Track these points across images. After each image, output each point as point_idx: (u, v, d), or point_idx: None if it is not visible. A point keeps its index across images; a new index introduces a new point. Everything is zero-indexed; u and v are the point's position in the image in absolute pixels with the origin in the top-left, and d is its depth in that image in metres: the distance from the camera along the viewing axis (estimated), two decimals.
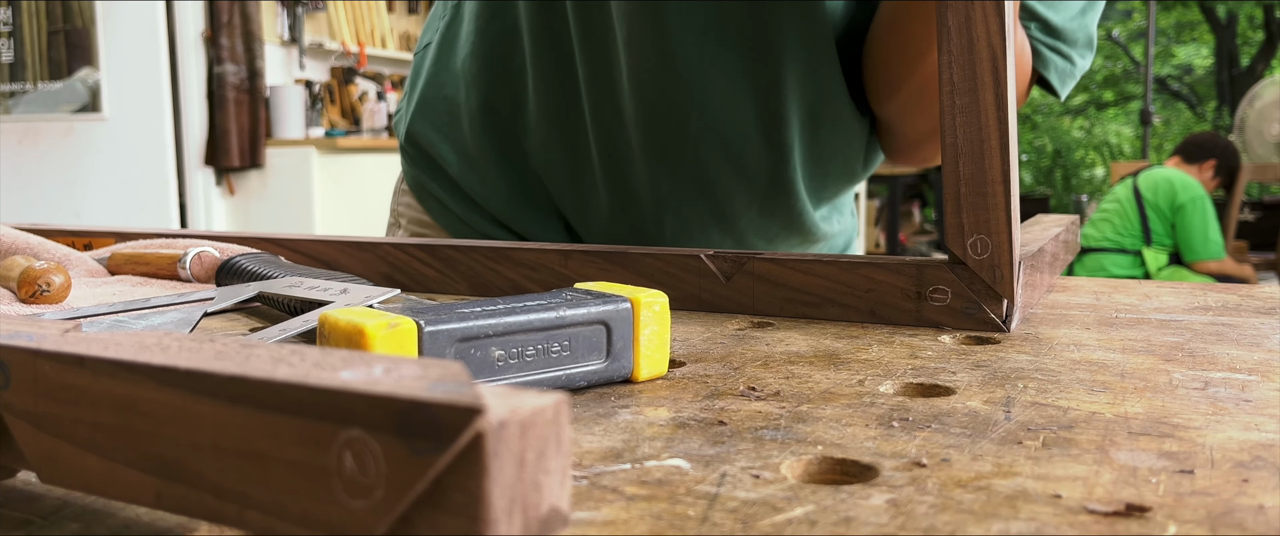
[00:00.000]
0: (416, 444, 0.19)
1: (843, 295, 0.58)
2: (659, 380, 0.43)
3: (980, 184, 0.53)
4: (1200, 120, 13.61)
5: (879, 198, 7.43)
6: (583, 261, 0.65)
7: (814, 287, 0.59)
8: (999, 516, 0.27)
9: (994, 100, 0.52)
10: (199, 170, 4.46)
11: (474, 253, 0.69)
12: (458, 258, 0.70)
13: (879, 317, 0.57)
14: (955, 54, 0.53)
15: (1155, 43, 7.34)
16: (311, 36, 4.93)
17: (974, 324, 0.55)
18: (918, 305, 0.56)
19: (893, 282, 0.57)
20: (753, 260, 0.60)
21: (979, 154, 0.53)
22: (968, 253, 0.54)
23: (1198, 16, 13.72)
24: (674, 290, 0.63)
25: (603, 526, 0.27)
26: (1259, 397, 0.40)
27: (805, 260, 0.59)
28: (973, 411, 0.38)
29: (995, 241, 0.54)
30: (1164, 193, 4.00)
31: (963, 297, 0.55)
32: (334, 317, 0.36)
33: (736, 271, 0.61)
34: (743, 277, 0.60)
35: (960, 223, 0.54)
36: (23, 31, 4.29)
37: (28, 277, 0.62)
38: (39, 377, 0.25)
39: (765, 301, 0.60)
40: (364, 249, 0.73)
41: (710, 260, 0.61)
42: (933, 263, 0.56)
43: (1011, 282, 0.54)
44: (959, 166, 0.54)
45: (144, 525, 0.27)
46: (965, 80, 0.53)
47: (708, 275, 0.62)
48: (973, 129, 0.53)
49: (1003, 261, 0.54)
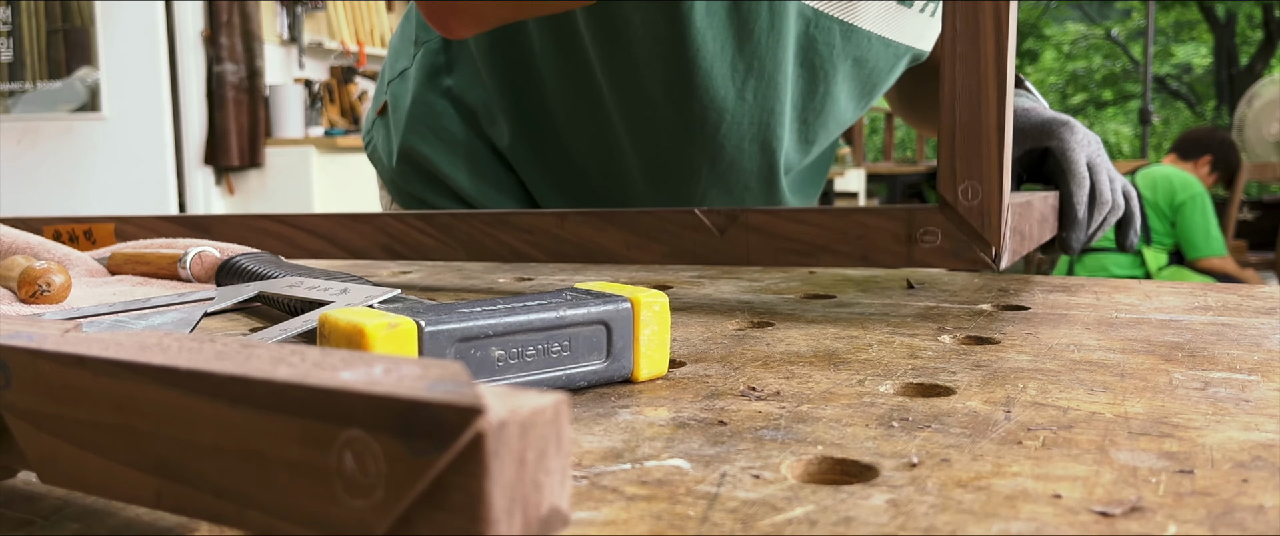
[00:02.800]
0: (417, 444, 0.19)
1: (835, 241, 0.59)
2: (659, 380, 0.43)
3: (975, 131, 0.54)
4: (1199, 119, 13.62)
5: (879, 197, 7.43)
6: (579, 222, 0.65)
7: (807, 236, 0.59)
8: (999, 516, 0.27)
9: (994, 49, 0.53)
10: (198, 169, 4.46)
11: (472, 220, 0.69)
12: (455, 225, 0.70)
13: (871, 262, 0.58)
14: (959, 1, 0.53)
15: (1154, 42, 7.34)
16: (311, 36, 4.92)
17: (964, 263, 0.55)
18: (908, 248, 0.57)
19: (883, 226, 0.58)
20: (746, 213, 0.61)
21: (976, 102, 0.53)
22: (958, 198, 0.55)
23: (1197, 16, 13.73)
24: (669, 246, 0.63)
25: (603, 526, 0.27)
26: (1259, 397, 0.40)
27: (797, 211, 0.60)
28: (973, 411, 0.38)
29: (986, 188, 0.54)
30: (1162, 191, 4.00)
31: (952, 238, 0.56)
32: (334, 318, 0.36)
33: (730, 225, 0.61)
34: (736, 231, 0.61)
35: (953, 168, 0.55)
36: (22, 31, 4.29)
37: (28, 277, 0.62)
38: (39, 377, 0.25)
39: (759, 252, 0.61)
40: (362, 221, 0.73)
41: (704, 215, 0.62)
42: (923, 207, 0.57)
43: (1000, 229, 0.54)
44: (955, 112, 0.54)
45: (144, 525, 0.27)
46: (967, 28, 0.53)
47: (702, 230, 0.62)
48: (971, 77, 0.53)
49: (992, 208, 0.54)
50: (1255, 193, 6.96)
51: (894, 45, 0.83)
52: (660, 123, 0.80)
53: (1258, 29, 13.28)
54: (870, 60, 0.83)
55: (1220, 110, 12.99)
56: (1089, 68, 15.20)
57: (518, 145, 0.88)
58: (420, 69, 0.92)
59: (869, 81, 0.85)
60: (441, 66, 0.92)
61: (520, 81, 0.87)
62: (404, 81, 0.94)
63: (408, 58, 0.95)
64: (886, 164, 7.82)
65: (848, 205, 3.60)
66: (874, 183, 7.10)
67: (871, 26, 0.81)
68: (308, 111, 4.75)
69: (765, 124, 0.81)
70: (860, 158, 7.80)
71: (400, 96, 0.94)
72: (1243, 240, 5.09)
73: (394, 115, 0.95)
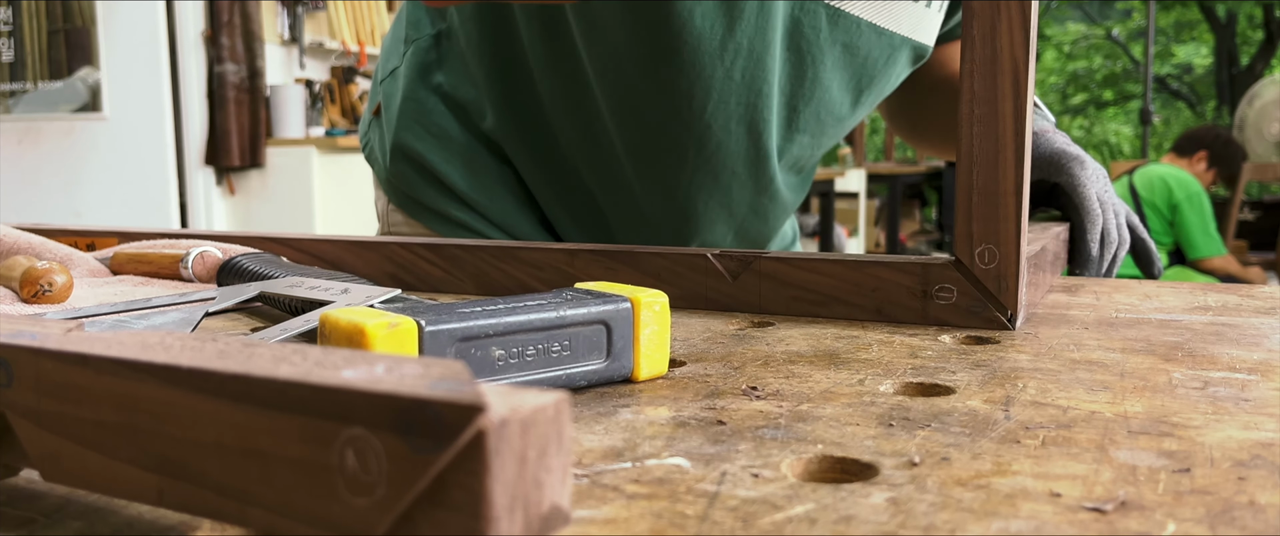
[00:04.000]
0: (418, 442, 0.19)
1: (849, 293, 0.58)
2: (659, 379, 0.43)
3: (992, 194, 0.54)
4: (1200, 119, 13.63)
5: (879, 197, 7.43)
6: (589, 260, 0.65)
7: (820, 286, 0.59)
8: (998, 515, 0.27)
9: (1012, 112, 0.53)
10: (199, 170, 4.46)
11: (480, 252, 0.69)
12: (464, 257, 0.70)
13: (885, 316, 0.58)
14: (978, 63, 0.53)
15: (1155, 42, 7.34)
16: (311, 36, 4.92)
17: (980, 323, 0.55)
18: (924, 304, 0.57)
19: (899, 281, 0.57)
20: (759, 259, 0.61)
21: (993, 164, 0.54)
22: (975, 261, 0.55)
23: (1197, 16, 13.73)
24: (680, 289, 0.63)
25: (603, 524, 0.27)
26: (1258, 397, 0.40)
27: (811, 259, 0.59)
28: (972, 411, 0.38)
29: (1003, 252, 0.54)
30: (1160, 190, 3.99)
31: (968, 297, 0.56)
32: (335, 317, 0.36)
33: (743, 270, 0.61)
34: (749, 276, 0.61)
35: (970, 231, 0.55)
36: (23, 31, 4.29)
37: (30, 277, 0.62)
38: (41, 376, 0.25)
39: (771, 300, 0.60)
40: (369, 248, 0.73)
41: (716, 259, 0.62)
42: (938, 262, 0.57)
43: (1016, 293, 0.54)
44: (973, 175, 0.54)
45: (146, 523, 0.27)
46: (986, 90, 0.53)
47: (714, 274, 0.62)
48: (989, 139, 0.53)
49: (1009, 272, 0.54)
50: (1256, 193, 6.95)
51: (887, 34, 0.83)
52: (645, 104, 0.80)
53: (1258, 29, 13.28)
54: (861, 48, 0.82)
55: (1221, 110, 12.99)
56: (1089, 68, 15.20)
57: (509, 136, 0.88)
58: (410, 66, 0.93)
59: (864, 73, 0.84)
60: (432, 63, 0.92)
61: (508, 72, 0.87)
62: (395, 80, 0.95)
63: (398, 56, 0.95)
64: (887, 164, 7.82)
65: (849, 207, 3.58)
66: (874, 183, 7.10)
67: (861, 13, 0.80)
68: (308, 112, 4.75)
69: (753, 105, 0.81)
70: (861, 158, 7.79)
71: (392, 95, 0.94)
72: (1243, 240, 5.08)
73: (386, 114, 0.95)
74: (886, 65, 0.85)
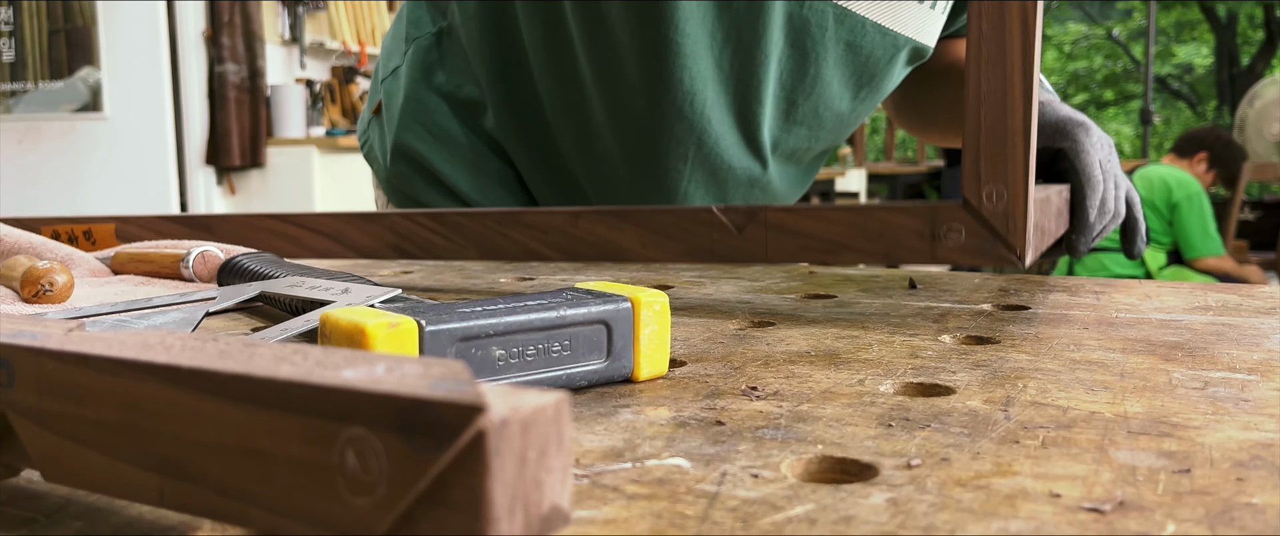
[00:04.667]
0: (419, 441, 0.19)
1: (856, 239, 0.58)
2: (659, 379, 0.43)
3: (1000, 134, 0.53)
4: (1200, 119, 13.63)
5: (879, 197, 7.43)
6: (593, 221, 0.64)
7: (828, 233, 0.58)
8: (998, 515, 0.27)
9: (1020, 51, 0.52)
10: (200, 169, 4.46)
11: (483, 218, 0.68)
12: (466, 224, 0.68)
13: (894, 259, 0.57)
14: (986, 2, 0.53)
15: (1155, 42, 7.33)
16: (312, 36, 4.93)
17: (988, 260, 0.55)
18: (932, 245, 0.56)
19: (907, 224, 0.57)
20: (766, 211, 0.60)
21: (1001, 104, 0.53)
22: (983, 201, 0.54)
23: (1198, 16, 13.72)
24: (686, 244, 0.62)
25: (603, 525, 0.27)
26: (1258, 397, 0.40)
27: (818, 208, 0.59)
28: (972, 411, 0.38)
29: (1011, 191, 0.54)
30: (1159, 191, 3.99)
31: (976, 236, 0.55)
32: (335, 317, 0.36)
33: (749, 222, 0.60)
34: (755, 228, 0.60)
35: (977, 171, 0.54)
36: (24, 31, 4.29)
37: (31, 277, 0.62)
38: (42, 376, 0.25)
39: (779, 250, 0.60)
40: (371, 221, 0.72)
41: (722, 213, 0.61)
42: (945, 204, 0.56)
43: (1024, 232, 0.54)
44: (981, 115, 0.53)
45: (147, 523, 0.28)
46: (993, 30, 0.53)
47: (720, 228, 0.61)
48: (997, 79, 0.53)
49: (1017, 211, 0.54)
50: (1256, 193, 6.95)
51: (891, 34, 0.83)
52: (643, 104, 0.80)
53: (1259, 29, 13.27)
54: (865, 47, 0.82)
55: (1221, 110, 12.98)
56: (1090, 68, 15.20)
57: (510, 137, 0.88)
58: (412, 66, 0.93)
59: (865, 71, 0.84)
60: (433, 62, 0.92)
61: (510, 71, 0.87)
62: (396, 79, 0.95)
63: (399, 56, 0.95)
64: (888, 164, 7.82)
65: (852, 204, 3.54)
66: (875, 183, 7.10)
67: (866, 12, 0.80)
68: (309, 111, 4.75)
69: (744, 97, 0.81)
70: (861, 158, 7.79)
71: (393, 94, 0.94)
72: (1243, 240, 5.08)
73: (387, 113, 0.95)
74: (888, 64, 0.85)
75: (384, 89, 0.97)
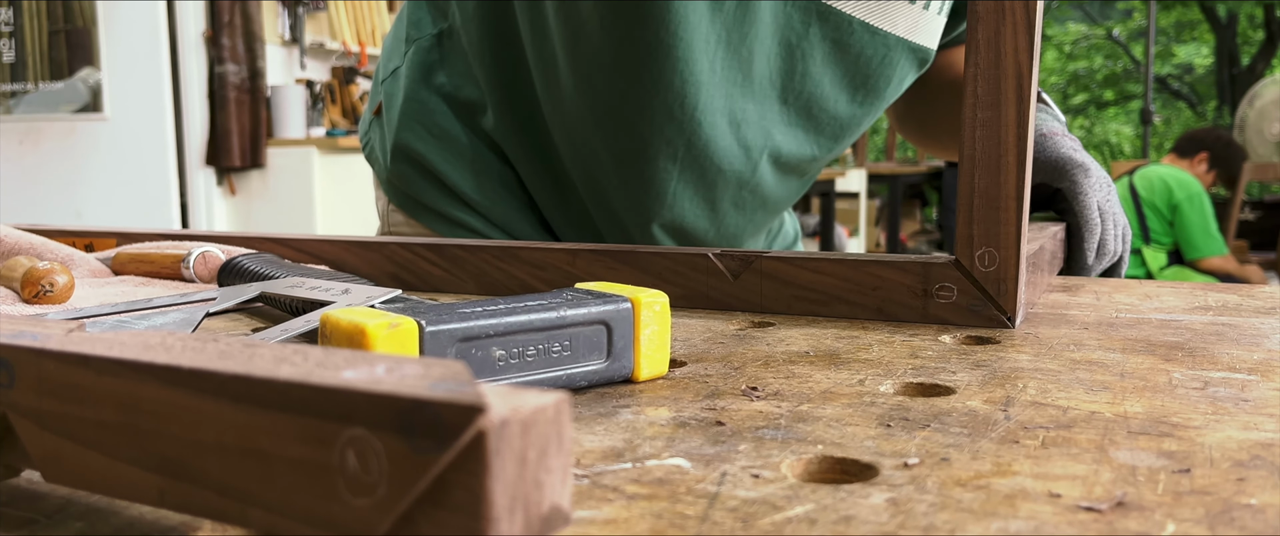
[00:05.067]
0: (419, 442, 0.19)
1: (850, 293, 0.59)
2: (659, 380, 0.43)
3: (994, 198, 0.54)
4: (1200, 119, 13.63)
5: (879, 197, 7.43)
6: (590, 260, 0.66)
7: (821, 285, 0.59)
8: (998, 515, 0.27)
9: (1015, 117, 0.53)
10: (200, 170, 4.46)
11: (481, 252, 0.69)
12: (465, 257, 0.70)
13: (886, 315, 0.58)
14: (982, 67, 0.53)
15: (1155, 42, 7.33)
16: (312, 36, 4.93)
17: (980, 322, 0.56)
18: (924, 303, 0.57)
19: (900, 280, 0.58)
20: (760, 258, 0.61)
21: (995, 168, 0.54)
22: (975, 264, 0.55)
23: (1198, 16, 13.72)
24: (682, 288, 0.63)
25: (604, 525, 0.27)
26: (1258, 397, 0.40)
27: (813, 258, 0.60)
28: (972, 411, 0.38)
29: (1003, 255, 0.55)
30: (1160, 191, 3.99)
31: (969, 296, 0.56)
32: (335, 317, 0.36)
33: (744, 269, 0.61)
34: (750, 275, 0.61)
35: (970, 234, 0.55)
36: (24, 31, 4.29)
37: (31, 278, 0.62)
38: (43, 377, 0.25)
39: (773, 299, 0.61)
40: (370, 248, 0.74)
41: (717, 259, 0.62)
42: (939, 261, 0.57)
43: (1016, 295, 0.55)
44: (974, 178, 0.54)
45: (147, 524, 0.28)
46: (989, 94, 0.53)
47: (715, 273, 0.62)
48: (991, 143, 0.54)
49: (1009, 276, 0.55)
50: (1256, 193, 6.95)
51: (881, 34, 0.82)
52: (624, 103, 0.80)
53: (1259, 29, 13.27)
54: (853, 46, 0.82)
55: (1221, 110, 12.98)
56: (1090, 68, 15.21)
57: (509, 138, 0.88)
58: (412, 66, 0.93)
59: (859, 72, 0.84)
60: (434, 63, 0.92)
61: (509, 72, 0.87)
62: (396, 79, 0.95)
63: (400, 56, 0.95)
64: (888, 164, 7.82)
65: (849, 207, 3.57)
66: (875, 183, 7.10)
67: (851, 11, 0.80)
68: (309, 112, 4.76)
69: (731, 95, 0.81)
70: (862, 158, 7.79)
71: (393, 95, 0.94)
72: (1244, 240, 5.08)
73: (387, 114, 0.95)
74: (883, 65, 0.85)
75: (384, 90, 0.97)
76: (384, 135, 0.95)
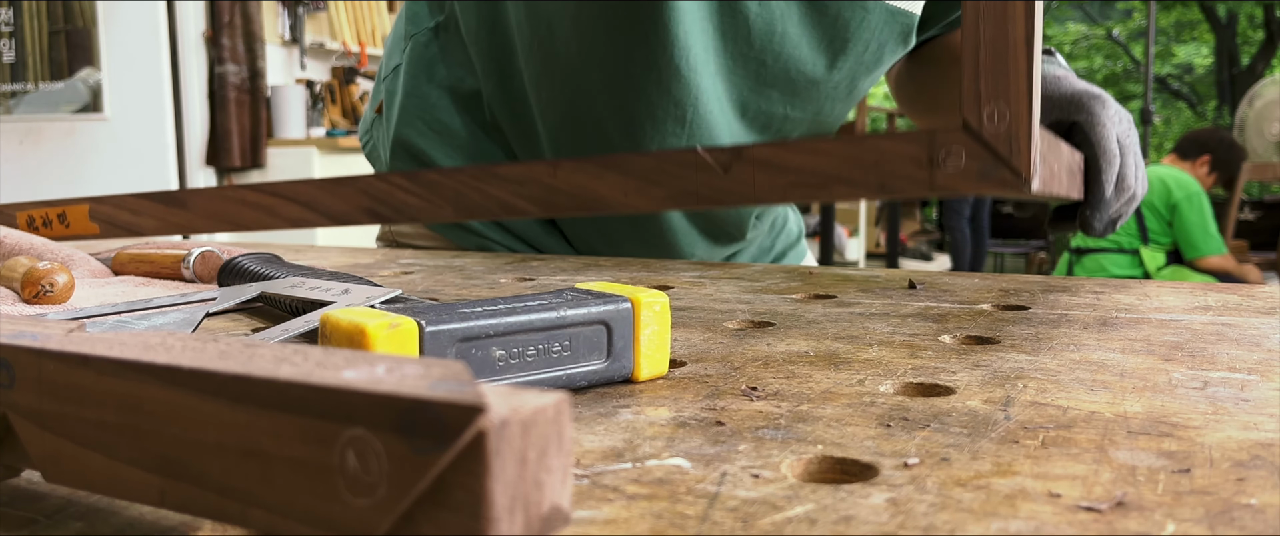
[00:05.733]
0: (419, 442, 0.19)
1: (849, 170, 0.54)
2: (659, 380, 0.43)
3: (1001, 47, 0.49)
4: (1200, 119, 13.62)
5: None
6: (572, 170, 0.61)
7: (818, 166, 0.55)
8: (998, 515, 0.28)
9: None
10: (200, 170, 4.46)
11: (458, 175, 0.65)
12: (441, 181, 0.66)
13: (889, 191, 0.53)
14: None
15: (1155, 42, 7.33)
16: (312, 36, 4.93)
17: (991, 185, 0.51)
18: (930, 172, 0.52)
19: (903, 152, 0.53)
20: (751, 148, 0.56)
21: (1001, 14, 0.49)
22: (984, 122, 0.50)
23: (1198, 16, 13.72)
24: (670, 188, 0.59)
25: (604, 525, 0.27)
26: (1258, 397, 0.40)
27: (808, 140, 0.56)
28: (972, 411, 0.38)
29: (1013, 110, 0.50)
30: (1159, 191, 4.00)
31: (978, 159, 0.51)
32: (335, 317, 0.36)
33: (734, 161, 0.57)
34: (741, 166, 0.57)
35: (977, 89, 0.50)
36: (24, 31, 4.29)
37: (31, 278, 0.62)
38: (43, 377, 0.25)
39: (766, 188, 0.56)
40: (343, 184, 0.70)
41: (706, 153, 0.58)
42: (944, 129, 0.52)
43: (1029, 154, 0.50)
44: (979, 29, 0.50)
45: (147, 524, 0.28)
46: None
47: (705, 168, 0.58)
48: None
49: (1021, 132, 0.50)
50: (1256, 193, 6.95)
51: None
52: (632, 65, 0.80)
53: (1259, 29, 13.27)
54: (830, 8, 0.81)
55: (1221, 110, 12.98)
56: (1090, 68, 15.20)
57: (508, 125, 0.88)
58: (411, 62, 0.93)
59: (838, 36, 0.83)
60: (433, 57, 0.92)
61: (504, 61, 0.87)
62: (397, 76, 0.95)
63: (399, 53, 0.95)
64: None
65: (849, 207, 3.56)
66: None
67: None
68: (309, 112, 4.76)
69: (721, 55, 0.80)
70: None
71: (394, 92, 0.94)
72: (1243, 240, 5.08)
73: (388, 111, 0.95)
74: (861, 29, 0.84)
75: (385, 87, 0.97)
76: (386, 132, 0.95)
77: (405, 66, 0.93)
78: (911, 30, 0.88)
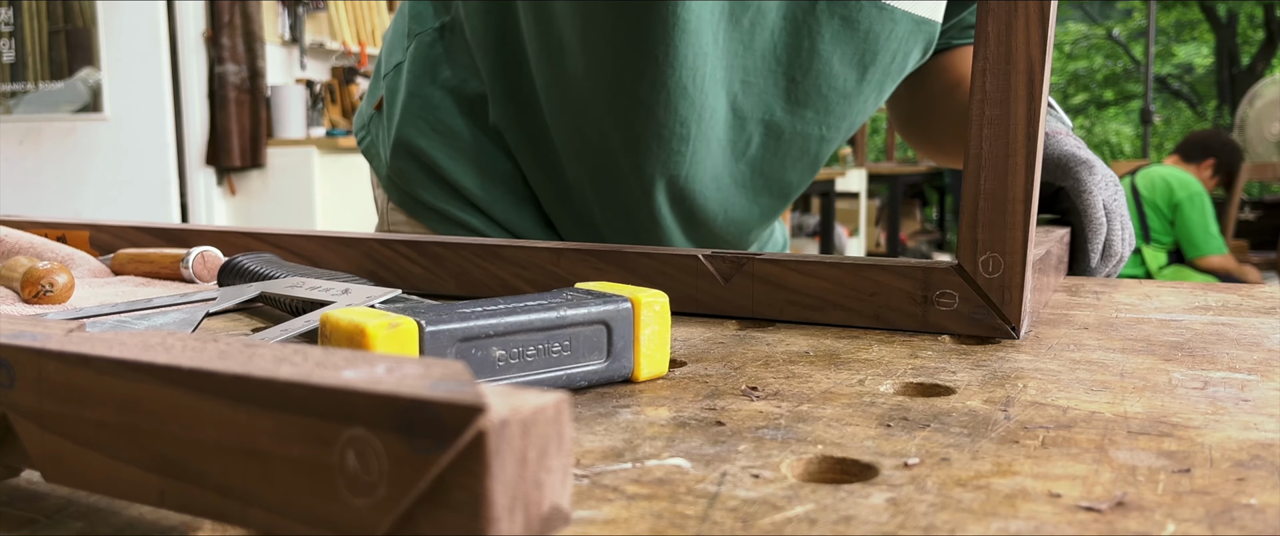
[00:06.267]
0: (419, 442, 0.19)
1: (846, 298, 0.56)
2: (659, 380, 0.43)
3: (1001, 200, 0.51)
4: (1201, 119, 13.62)
5: (879, 197, 7.43)
6: (576, 260, 0.63)
7: (816, 290, 0.57)
8: (998, 515, 0.28)
9: (1025, 115, 0.50)
10: (200, 170, 4.46)
11: (462, 250, 0.67)
12: (446, 255, 0.67)
13: (883, 322, 0.55)
14: (991, 61, 0.50)
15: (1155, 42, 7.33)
16: (312, 36, 4.93)
17: (982, 330, 0.53)
18: (924, 309, 0.54)
19: (898, 286, 0.55)
20: (752, 261, 0.58)
21: (1003, 170, 0.51)
22: (979, 269, 0.52)
23: (1198, 15, 13.72)
24: (670, 292, 0.60)
25: (604, 525, 0.27)
26: (1258, 397, 0.40)
27: (807, 261, 0.57)
28: (972, 411, 0.38)
29: (1008, 261, 0.51)
30: (1161, 191, 4.00)
31: (971, 303, 0.53)
32: (335, 317, 0.36)
33: (735, 272, 0.59)
34: (742, 279, 0.58)
35: (974, 237, 0.52)
36: (24, 31, 4.30)
37: (31, 278, 0.62)
38: (43, 377, 0.25)
39: (765, 304, 0.58)
40: (349, 245, 0.71)
41: (708, 261, 0.59)
42: (939, 266, 0.54)
43: (1020, 304, 0.52)
44: (980, 180, 0.51)
45: (147, 524, 0.28)
46: (998, 91, 0.50)
47: (705, 276, 0.59)
48: (1000, 143, 0.51)
49: (1014, 282, 0.51)
50: (1256, 193, 6.95)
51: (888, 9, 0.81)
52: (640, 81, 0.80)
53: (1259, 29, 13.27)
54: (862, 22, 0.81)
55: (1221, 110, 12.98)
56: (1090, 68, 15.20)
57: (512, 132, 0.88)
58: (414, 61, 0.92)
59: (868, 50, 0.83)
60: (437, 58, 0.91)
61: (512, 66, 0.86)
62: (398, 74, 0.94)
63: (402, 51, 0.95)
64: (888, 164, 7.82)
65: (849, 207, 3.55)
66: (875, 183, 7.09)
67: None
68: (309, 112, 4.76)
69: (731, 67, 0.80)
70: (862, 158, 7.79)
71: (395, 90, 0.94)
72: (1243, 240, 5.08)
73: (389, 109, 0.95)
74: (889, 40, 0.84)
75: (385, 85, 0.96)
76: (386, 131, 0.95)
77: (408, 65, 0.93)
78: (933, 41, 0.88)
